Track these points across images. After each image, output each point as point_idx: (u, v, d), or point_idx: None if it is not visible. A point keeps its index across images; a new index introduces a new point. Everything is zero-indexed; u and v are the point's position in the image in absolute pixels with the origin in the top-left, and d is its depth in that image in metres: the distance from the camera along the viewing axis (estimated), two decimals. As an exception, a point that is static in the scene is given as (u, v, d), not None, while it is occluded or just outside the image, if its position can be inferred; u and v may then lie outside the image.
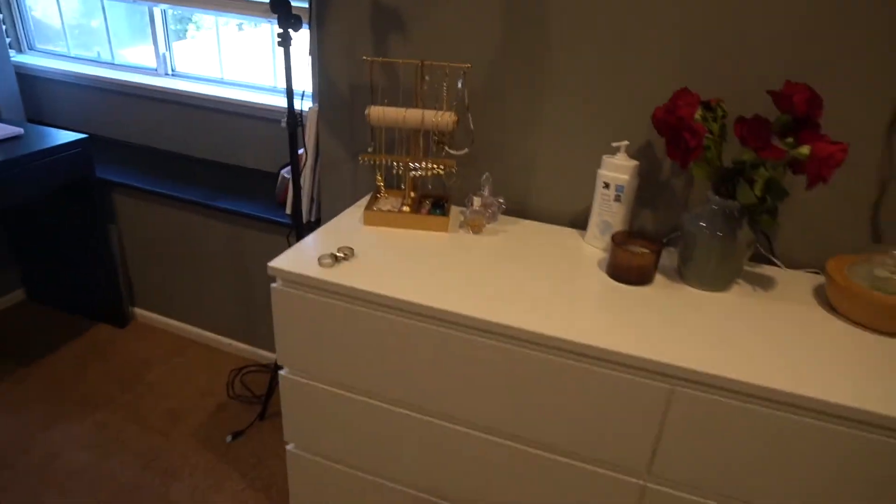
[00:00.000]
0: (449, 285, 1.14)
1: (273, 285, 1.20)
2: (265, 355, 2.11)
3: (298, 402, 1.31)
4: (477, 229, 1.37)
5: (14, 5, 2.32)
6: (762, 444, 0.96)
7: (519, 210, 1.47)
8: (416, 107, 1.31)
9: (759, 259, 1.32)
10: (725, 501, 1.03)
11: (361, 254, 1.24)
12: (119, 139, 2.25)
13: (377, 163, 1.37)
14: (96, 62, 2.29)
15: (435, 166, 1.35)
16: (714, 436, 0.98)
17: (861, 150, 1.18)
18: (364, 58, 1.36)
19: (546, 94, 1.34)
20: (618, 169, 1.24)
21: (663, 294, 1.16)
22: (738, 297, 1.17)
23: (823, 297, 1.18)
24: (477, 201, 1.35)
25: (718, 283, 1.18)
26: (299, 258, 1.20)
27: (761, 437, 0.96)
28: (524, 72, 1.34)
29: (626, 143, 1.24)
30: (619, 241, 1.21)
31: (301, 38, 1.71)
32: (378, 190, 1.44)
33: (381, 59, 1.32)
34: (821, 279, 1.25)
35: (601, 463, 1.09)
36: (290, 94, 1.42)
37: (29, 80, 2.29)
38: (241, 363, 2.10)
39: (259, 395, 1.95)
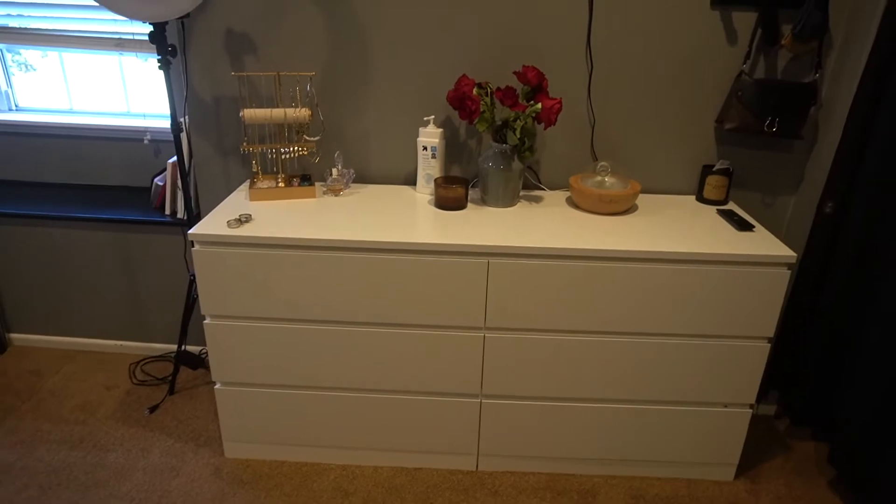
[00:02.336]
0: (329, 226, 1.60)
1: (194, 249, 1.56)
2: (159, 347, 2.36)
3: (223, 343, 1.68)
4: (337, 193, 1.84)
5: None
6: (552, 286, 1.56)
7: (365, 177, 1.97)
8: (278, 107, 1.75)
9: (532, 187, 1.96)
10: (543, 333, 1.62)
11: (257, 217, 1.65)
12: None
13: (254, 151, 1.78)
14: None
15: (300, 149, 1.79)
16: (521, 287, 1.57)
17: (578, 106, 1.85)
18: (233, 73, 1.76)
19: (372, 87, 1.85)
20: (430, 135, 1.79)
21: (474, 213, 1.74)
22: (520, 209, 1.78)
23: (571, 202, 1.84)
24: (334, 172, 1.83)
25: (507, 201, 1.78)
26: (210, 226, 1.58)
27: (549, 281, 1.56)
28: (354, 72, 1.84)
29: (433, 116, 1.80)
30: (440, 183, 1.76)
31: (149, 66, 2.01)
32: (255, 175, 1.84)
33: (247, 73, 1.73)
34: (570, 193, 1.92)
35: (453, 327, 1.63)
36: (172, 110, 1.76)
37: None
38: (136, 359, 2.33)
39: (163, 377, 2.21)
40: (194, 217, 1.98)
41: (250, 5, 1.77)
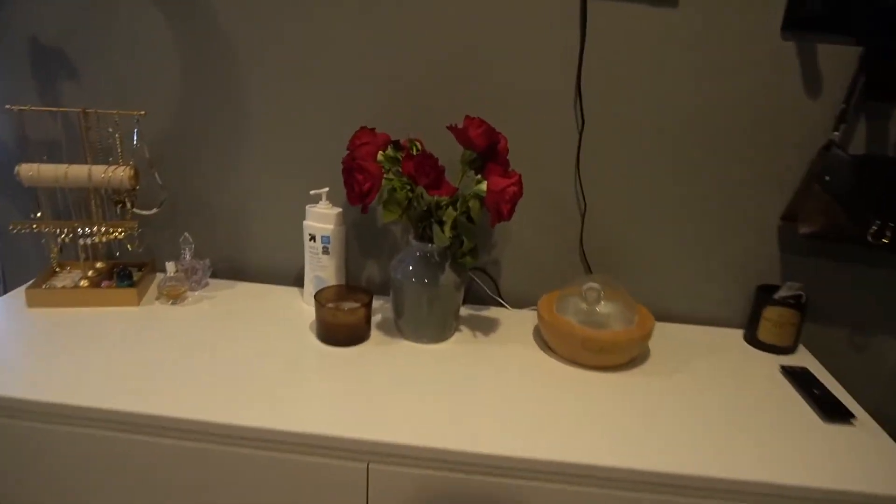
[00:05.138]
0: (121, 376, 0.93)
1: None
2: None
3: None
4: (175, 299, 1.18)
5: None
6: (466, 513, 0.86)
7: (236, 271, 1.31)
8: (86, 162, 1.11)
9: (487, 301, 1.27)
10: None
11: (8, 346, 0.99)
12: None
13: (46, 230, 1.14)
14: None
15: (112, 230, 1.14)
16: (417, 512, 0.87)
17: (562, 183, 1.18)
18: (7, 107, 1.13)
19: (251, 138, 1.21)
20: (321, 218, 1.13)
21: (376, 353, 1.05)
22: (456, 346, 1.09)
23: (541, 338, 1.15)
24: (171, 267, 1.17)
25: (434, 332, 1.09)
26: None
27: (464, 504, 0.86)
28: (222, 116, 1.19)
29: (325, 189, 1.13)
30: (324, 300, 1.09)
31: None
32: (53, 263, 1.19)
33: (28, 107, 1.10)
34: (543, 314, 1.23)
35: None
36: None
37: None
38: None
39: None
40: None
41: (66, 7, 1.15)
